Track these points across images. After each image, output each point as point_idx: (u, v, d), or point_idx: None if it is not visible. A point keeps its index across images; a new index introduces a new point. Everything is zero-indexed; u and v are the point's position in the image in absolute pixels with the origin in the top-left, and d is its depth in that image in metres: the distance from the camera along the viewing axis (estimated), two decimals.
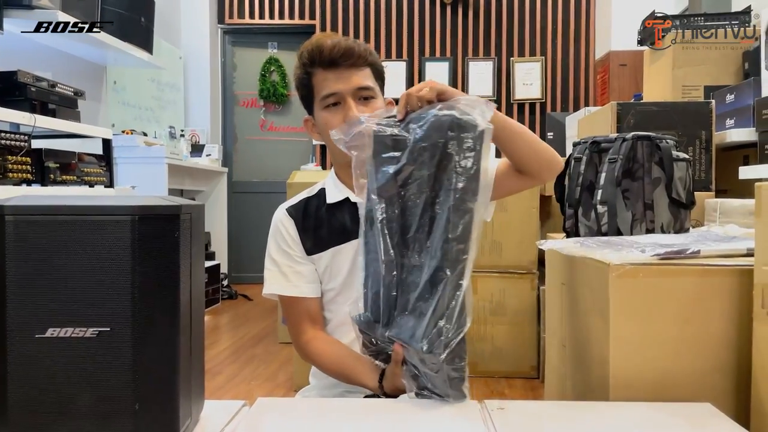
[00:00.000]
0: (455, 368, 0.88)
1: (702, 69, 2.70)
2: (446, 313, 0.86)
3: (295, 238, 1.21)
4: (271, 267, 1.22)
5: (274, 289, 1.21)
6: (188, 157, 4.51)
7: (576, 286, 1.15)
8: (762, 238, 0.86)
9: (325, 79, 1.15)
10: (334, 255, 1.20)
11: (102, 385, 0.69)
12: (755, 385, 0.87)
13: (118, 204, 0.69)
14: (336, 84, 1.14)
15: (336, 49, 1.13)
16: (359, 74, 1.16)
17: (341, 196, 1.21)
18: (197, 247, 0.79)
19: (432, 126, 0.90)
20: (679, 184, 1.81)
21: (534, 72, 5.06)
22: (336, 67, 1.14)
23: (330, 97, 1.15)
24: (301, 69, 1.19)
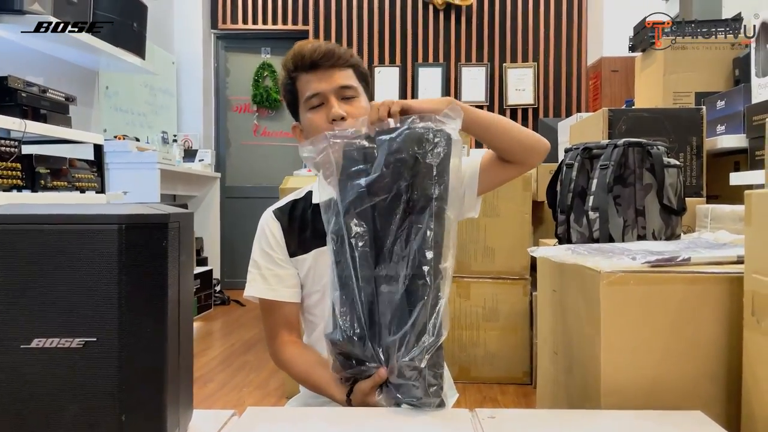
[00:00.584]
0: (434, 375, 0.89)
1: (693, 75, 2.72)
2: (427, 324, 0.87)
3: (280, 241, 1.22)
4: (253, 269, 1.23)
5: (253, 291, 1.22)
6: (181, 163, 4.49)
7: (567, 294, 1.15)
8: (751, 245, 0.86)
9: (308, 81, 1.17)
10: (317, 257, 1.20)
11: (88, 395, 0.68)
12: (746, 393, 0.87)
13: (106, 213, 0.68)
14: (318, 84, 1.16)
15: (317, 51, 1.16)
16: (341, 74, 1.17)
17: (327, 196, 1.20)
18: (186, 255, 0.78)
19: (408, 137, 0.92)
20: (670, 191, 1.82)
21: (526, 78, 5.08)
22: (317, 68, 1.16)
23: (313, 98, 1.16)
24: (285, 76, 1.21)
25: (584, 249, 1.25)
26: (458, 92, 5.11)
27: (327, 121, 1.15)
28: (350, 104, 1.17)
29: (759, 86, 2.22)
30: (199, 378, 2.74)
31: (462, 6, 5.10)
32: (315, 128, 1.15)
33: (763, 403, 0.83)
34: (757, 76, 2.23)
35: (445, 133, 0.92)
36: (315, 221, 1.20)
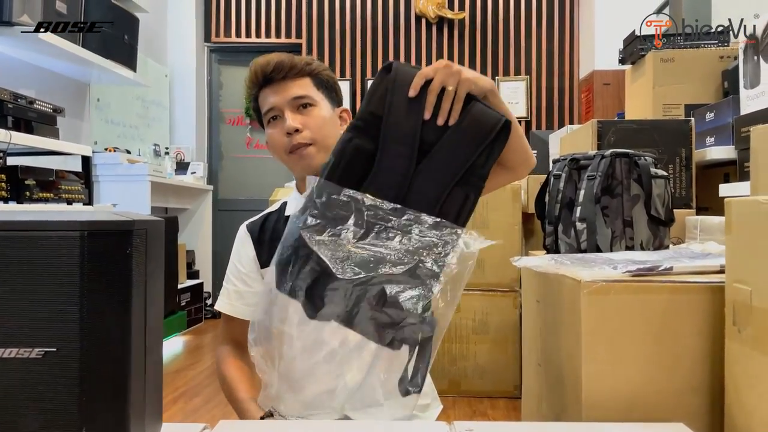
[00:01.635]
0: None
1: (682, 88, 2.72)
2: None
3: (249, 253, 1.22)
4: (224, 284, 1.27)
5: (217, 305, 1.26)
6: (173, 175, 4.48)
7: (550, 304, 1.14)
8: (732, 254, 0.85)
9: (265, 96, 1.16)
10: None
11: (47, 407, 0.66)
12: (728, 404, 0.85)
13: (67, 219, 0.66)
14: (273, 98, 1.15)
15: (268, 65, 1.15)
16: (295, 84, 1.16)
17: (296, 209, 1.20)
18: (155, 264, 0.77)
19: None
20: (658, 201, 1.81)
21: (519, 91, 5.09)
22: (271, 82, 1.15)
23: (269, 112, 1.16)
24: (249, 95, 1.21)
25: (566, 259, 1.23)
26: None
27: (283, 134, 1.14)
28: (306, 114, 1.15)
29: (747, 98, 2.22)
30: (186, 392, 2.71)
31: (455, 20, 5.13)
32: (273, 142, 1.16)
33: (745, 413, 0.81)
34: (745, 88, 2.23)
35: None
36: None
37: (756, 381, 0.78)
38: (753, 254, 0.78)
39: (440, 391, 1.35)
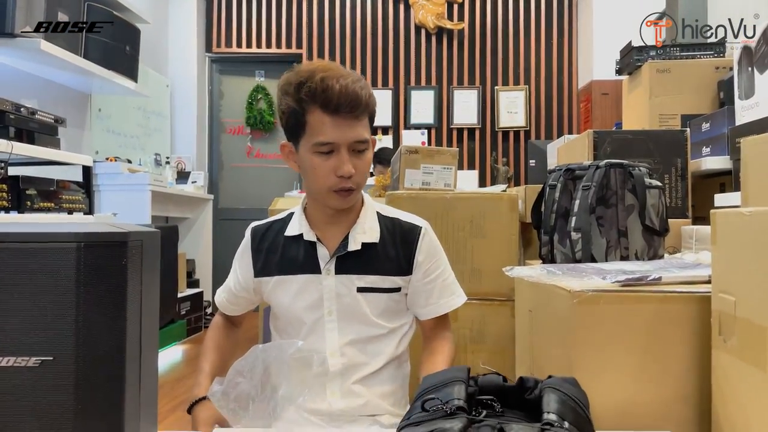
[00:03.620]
0: None
1: (678, 98, 2.74)
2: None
3: (246, 258, 1.26)
4: (230, 273, 1.32)
5: (217, 293, 1.36)
6: (173, 184, 4.50)
7: (541, 313, 1.15)
8: (717, 265, 0.86)
9: (322, 123, 1.07)
10: (278, 284, 1.22)
11: (44, 415, 0.67)
12: (715, 413, 0.87)
13: (63, 231, 0.68)
14: (334, 133, 1.07)
15: (344, 96, 1.06)
16: (358, 125, 1.10)
17: (298, 231, 1.21)
18: (150, 275, 0.78)
19: None
20: (652, 211, 1.82)
21: (518, 100, 5.12)
22: (337, 114, 1.07)
23: (325, 146, 1.08)
24: (294, 101, 1.09)
25: (558, 269, 1.25)
26: (450, 115, 5.15)
27: (333, 173, 1.09)
28: (359, 158, 1.12)
29: (742, 108, 2.24)
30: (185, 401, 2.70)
31: (454, 30, 5.17)
32: (319, 175, 1.10)
33: (732, 422, 0.82)
34: (740, 99, 2.25)
35: None
36: (285, 248, 1.21)
37: (741, 390, 0.79)
38: (737, 265, 0.80)
39: None
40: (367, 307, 1.19)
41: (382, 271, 1.19)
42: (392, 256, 1.20)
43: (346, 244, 1.18)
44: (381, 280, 1.19)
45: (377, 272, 1.18)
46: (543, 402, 0.77)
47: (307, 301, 1.18)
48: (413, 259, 1.21)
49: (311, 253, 1.19)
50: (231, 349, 1.31)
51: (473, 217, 2.50)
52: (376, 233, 1.20)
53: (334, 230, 1.20)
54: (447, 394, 0.80)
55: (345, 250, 1.17)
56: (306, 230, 1.19)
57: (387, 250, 1.20)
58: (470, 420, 0.75)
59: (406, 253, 1.21)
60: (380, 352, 1.21)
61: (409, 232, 1.23)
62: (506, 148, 5.13)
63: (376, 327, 1.20)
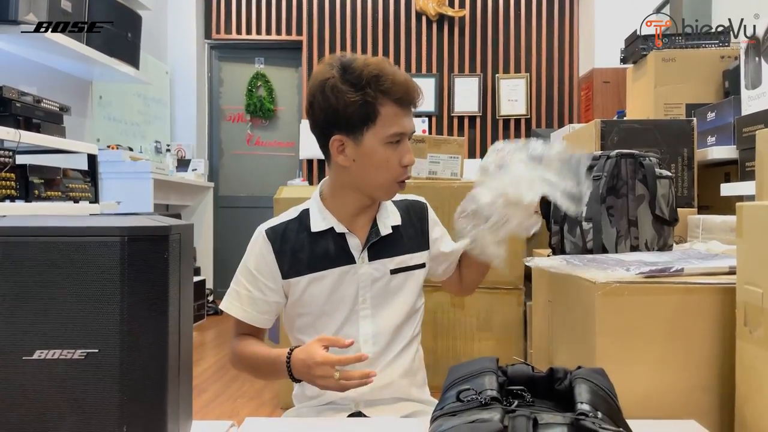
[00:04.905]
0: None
1: (683, 87, 2.75)
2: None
3: (270, 264, 1.20)
4: (233, 284, 1.24)
5: (227, 306, 1.23)
6: (174, 172, 4.49)
7: (562, 304, 1.16)
8: (743, 257, 0.88)
9: (395, 114, 1.13)
10: (311, 282, 1.20)
11: (89, 407, 0.68)
12: (738, 402, 0.88)
13: (108, 225, 0.69)
14: (405, 124, 1.15)
15: (411, 90, 1.14)
16: (412, 118, 1.19)
17: (325, 226, 1.21)
18: (186, 266, 0.79)
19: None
20: (663, 201, 1.84)
21: (519, 88, 5.12)
22: (407, 106, 1.15)
23: (399, 135, 1.14)
24: (370, 91, 1.11)
25: (579, 260, 1.26)
26: (451, 102, 5.14)
27: (399, 162, 1.15)
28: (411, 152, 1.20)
29: (749, 98, 2.25)
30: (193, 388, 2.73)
31: (455, 17, 5.15)
32: (387, 165, 1.14)
33: (756, 412, 0.84)
34: (746, 88, 2.26)
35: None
36: (312, 245, 1.21)
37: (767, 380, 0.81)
38: (765, 257, 0.81)
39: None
40: (400, 287, 1.24)
41: (409, 250, 1.26)
42: (412, 234, 1.28)
43: (377, 231, 1.22)
44: (409, 258, 1.26)
45: (405, 251, 1.25)
46: (575, 392, 0.78)
47: (344, 293, 1.20)
48: (428, 235, 1.32)
49: (342, 245, 1.20)
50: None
51: None
52: (398, 216, 1.27)
53: (360, 220, 1.23)
54: (479, 384, 0.82)
55: (378, 236, 1.22)
56: (335, 223, 1.20)
57: (407, 229, 1.28)
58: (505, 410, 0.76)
59: (422, 229, 1.31)
60: (405, 333, 1.25)
61: (419, 209, 1.33)
62: (507, 136, 5.13)
63: (406, 309, 1.25)
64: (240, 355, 1.22)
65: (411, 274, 1.26)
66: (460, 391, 0.80)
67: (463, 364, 0.92)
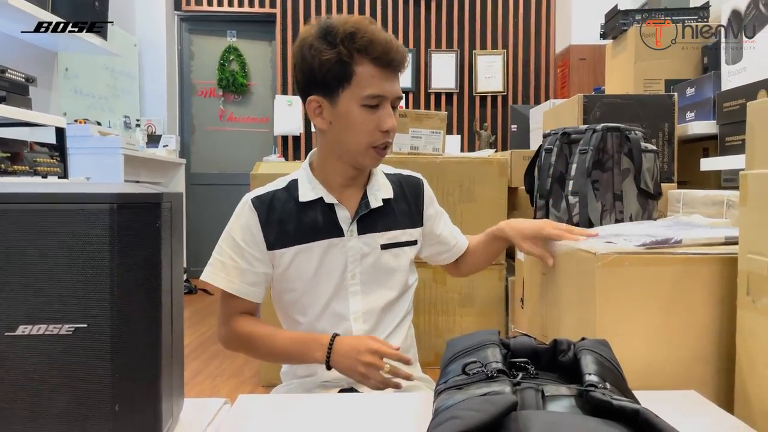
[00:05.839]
0: None
1: (663, 63, 2.76)
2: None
3: (255, 234, 1.16)
4: (217, 255, 1.18)
5: (211, 278, 1.17)
6: (144, 148, 4.37)
7: (558, 276, 1.15)
8: (747, 226, 0.87)
9: (372, 76, 1.07)
10: (298, 253, 1.16)
11: (79, 384, 0.64)
12: (739, 372, 0.88)
13: (95, 191, 0.64)
14: (383, 87, 1.08)
15: (393, 51, 1.07)
16: (397, 81, 1.12)
17: (314, 196, 1.17)
18: (177, 237, 0.75)
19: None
20: (647, 175, 1.84)
21: (496, 65, 5.09)
22: (387, 68, 1.08)
23: (376, 98, 1.08)
24: (343, 49, 1.06)
25: None
26: (428, 79, 5.09)
27: (378, 128, 1.09)
28: (394, 113, 1.12)
29: (729, 73, 2.26)
30: None
31: None
32: (362, 128, 1.09)
33: (758, 381, 0.84)
34: (727, 64, 2.27)
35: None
36: (300, 216, 1.16)
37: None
38: None
39: (426, 364, 1.37)
40: (391, 264, 1.20)
41: (400, 225, 1.22)
42: (405, 209, 1.24)
43: (367, 203, 1.18)
44: (401, 234, 1.22)
45: (397, 227, 1.21)
46: (581, 364, 0.77)
47: (331, 266, 1.16)
48: (423, 212, 1.27)
49: (330, 217, 1.16)
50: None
51: (463, 181, 2.49)
52: (390, 189, 1.23)
53: (349, 191, 1.19)
54: (483, 357, 0.80)
55: (368, 208, 1.17)
56: (324, 193, 1.16)
57: (400, 204, 1.23)
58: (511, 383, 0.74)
59: (416, 206, 1.26)
60: (397, 311, 1.22)
61: (414, 185, 1.29)
62: (483, 113, 5.11)
63: (397, 286, 1.21)
64: (244, 336, 1.17)
65: (402, 251, 1.22)
66: (466, 364, 0.77)
67: (463, 338, 0.90)
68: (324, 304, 1.17)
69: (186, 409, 0.80)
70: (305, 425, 0.78)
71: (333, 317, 1.17)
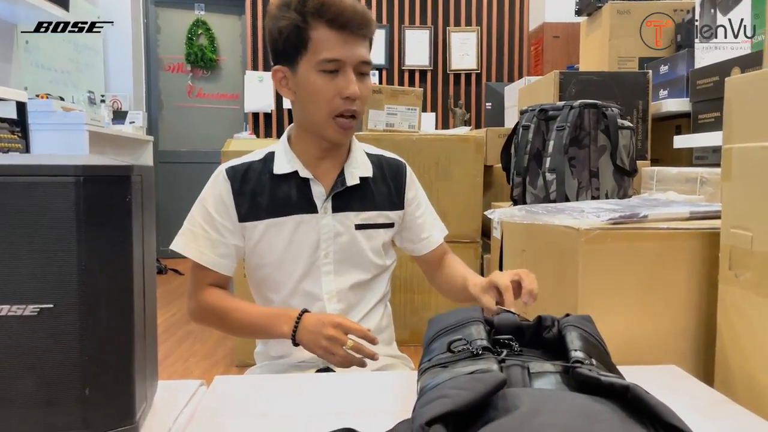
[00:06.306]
0: None
1: (637, 40, 2.76)
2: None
3: (228, 204, 1.12)
4: (188, 224, 1.15)
5: (180, 246, 1.13)
6: (110, 125, 4.24)
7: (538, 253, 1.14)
8: (730, 200, 0.87)
9: (328, 39, 1.02)
10: (268, 227, 1.12)
11: (46, 369, 0.60)
12: (720, 345, 0.89)
13: (60, 163, 0.60)
14: (340, 50, 1.02)
15: (351, 12, 1.01)
16: (363, 45, 1.05)
17: (290, 169, 1.12)
18: (148, 213, 0.71)
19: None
20: (624, 152, 1.84)
21: (470, 42, 5.06)
22: (344, 30, 1.02)
23: (331, 63, 1.02)
24: (296, 15, 1.03)
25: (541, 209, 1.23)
26: (402, 55, 5.03)
27: (338, 95, 1.04)
28: (362, 81, 1.06)
29: (703, 50, 2.27)
30: None
31: None
32: (321, 97, 1.04)
33: (740, 355, 0.84)
34: (701, 41, 2.28)
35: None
36: (273, 189, 1.12)
37: (753, 322, 0.81)
38: (757, 200, 0.80)
39: (402, 342, 1.36)
40: (365, 245, 1.16)
41: (378, 207, 1.17)
42: (384, 191, 1.19)
43: (343, 180, 1.13)
44: (377, 215, 1.17)
45: (373, 207, 1.17)
46: (566, 340, 0.76)
47: (303, 243, 1.12)
48: (404, 195, 1.22)
49: (305, 192, 1.12)
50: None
51: (439, 159, 2.47)
52: (369, 168, 1.18)
53: (326, 166, 1.14)
54: (468, 334, 0.78)
55: (343, 185, 1.13)
56: (299, 167, 1.12)
57: (379, 185, 1.19)
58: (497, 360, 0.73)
59: (397, 188, 1.21)
60: (373, 292, 1.20)
61: (396, 167, 1.23)
62: (458, 91, 5.09)
63: (372, 267, 1.18)
64: (213, 308, 1.13)
65: (377, 232, 1.18)
66: (451, 342, 0.76)
67: (445, 315, 0.88)
68: (296, 282, 1.14)
69: (160, 392, 0.77)
70: (285, 406, 0.76)
71: (306, 296, 1.14)
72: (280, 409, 0.75)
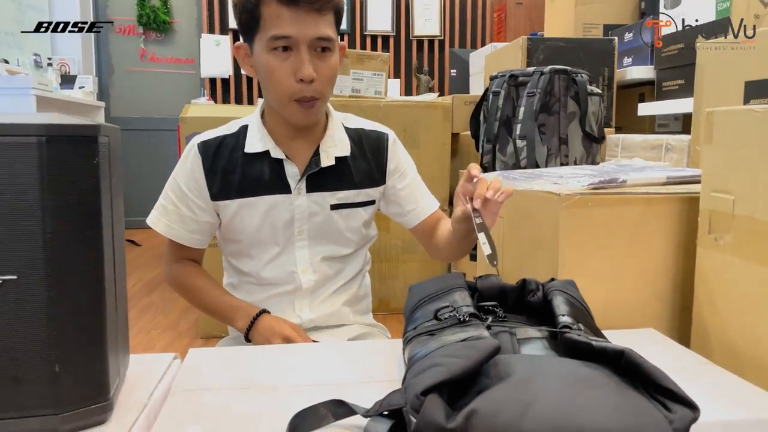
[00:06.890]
0: None
1: (602, 7, 2.76)
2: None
3: (199, 180, 1.07)
4: (162, 199, 1.12)
5: (153, 221, 1.11)
6: (58, 89, 4.04)
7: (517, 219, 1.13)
8: (711, 164, 0.87)
9: (278, 15, 0.94)
10: (241, 207, 1.08)
11: (11, 344, 0.56)
12: (697, 308, 0.90)
13: (20, 122, 0.54)
14: (291, 27, 0.94)
15: None
16: (321, 21, 0.96)
17: (261, 147, 1.07)
18: (116, 177, 0.66)
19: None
20: (593, 119, 1.85)
21: (433, 7, 4.99)
22: (295, 5, 0.93)
23: (280, 40, 0.95)
24: None
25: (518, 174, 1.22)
26: (363, 21, 4.93)
27: (292, 76, 0.96)
28: (322, 60, 0.98)
29: None
30: None
31: None
32: (276, 80, 0.98)
33: (717, 316, 0.85)
34: (666, 8, 2.29)
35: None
36: (245, 167, 1.07)
37: (732, 285, 0.82)
38: (739, 164, 0.80)
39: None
40: (341, 224, 1.11)
41: (356, 185, 1.11)
42: (364, 168, 1.12)
43: (318, 160, 1.07)
44: (355, 194, 1.11)
45: (351, 187, 1.11)
46: (553, 305, 0.75)
47: (276, 223, 1.08)
48: (386, 168, 1.15)
49: (278, 172, 1.06)
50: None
51: (407, 126, 2.43)
52: (347, 146, 1.11)
53: (300, 145, 1.08)
54: (453, 301, 0.76)
55: (317, 166, 1.07)
56: (272, 146, 1.06)
57: (358, 162, 1.12)
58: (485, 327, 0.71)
59: (377, 163, 1.14)
60: (352, 265, 1.17)
61: (376, 140, 1.16)
62: (421, 57, 5.03)
63: (350, 243, 1.14)
64: (184, 284, 1.15)
65: (356, 212, 1.12)
66: (438, 309, 0.74)
67: (427, 282, 0.86)
68: (271, 258, 1.10)
69: (132, 366, 0.73)
70: (265, 378, 0.74)
71: (279, 267, 1.11)
72: (260, 381, 0.73)
